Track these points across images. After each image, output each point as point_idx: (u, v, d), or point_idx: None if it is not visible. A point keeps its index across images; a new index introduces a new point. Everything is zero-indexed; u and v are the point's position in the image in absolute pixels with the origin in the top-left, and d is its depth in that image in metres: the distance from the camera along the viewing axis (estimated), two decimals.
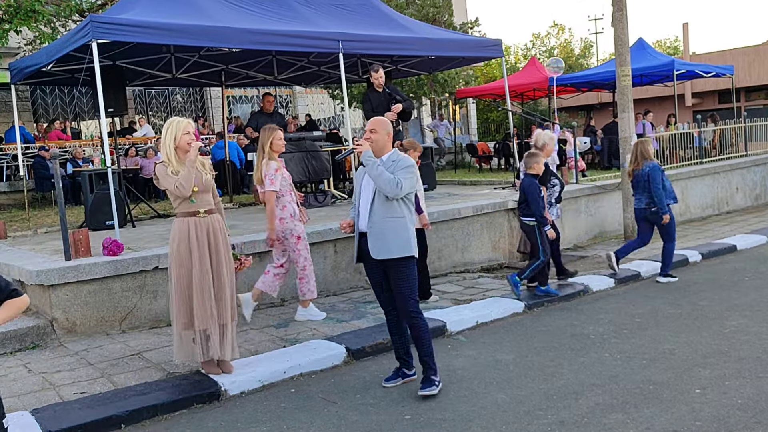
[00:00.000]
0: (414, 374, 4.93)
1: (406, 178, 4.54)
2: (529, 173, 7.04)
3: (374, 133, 4.67)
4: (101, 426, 4.25)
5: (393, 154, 4.70)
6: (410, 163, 4.64)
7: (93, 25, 7.07)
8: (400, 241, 4.56)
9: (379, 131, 4.67)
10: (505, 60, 12.66)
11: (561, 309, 6.81)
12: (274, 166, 6.04)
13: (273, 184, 5.99)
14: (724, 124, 15.41)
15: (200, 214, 4.78)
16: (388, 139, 4.72)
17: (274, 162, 6.07)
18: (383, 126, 4.71)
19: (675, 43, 43.32)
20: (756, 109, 24.47)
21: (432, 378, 4.66)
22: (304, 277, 6.26)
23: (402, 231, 4.58)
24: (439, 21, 18.07)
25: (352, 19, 9.81)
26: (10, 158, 14.85)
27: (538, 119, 13.27)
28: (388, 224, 4.56)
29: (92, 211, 8.73)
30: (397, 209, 4.58)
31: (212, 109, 21.49)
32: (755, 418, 3.99)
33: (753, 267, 8.27)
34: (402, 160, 4.65)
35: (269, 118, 10.67)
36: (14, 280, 6.44)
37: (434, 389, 4.62)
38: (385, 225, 4.56)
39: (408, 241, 4.58)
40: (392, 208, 4.57)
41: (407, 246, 4.58)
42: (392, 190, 4.49)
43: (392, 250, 4.56)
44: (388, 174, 4.52)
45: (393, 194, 4.51)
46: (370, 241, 4.61)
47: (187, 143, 4.73)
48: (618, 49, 10.13)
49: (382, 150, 4.69)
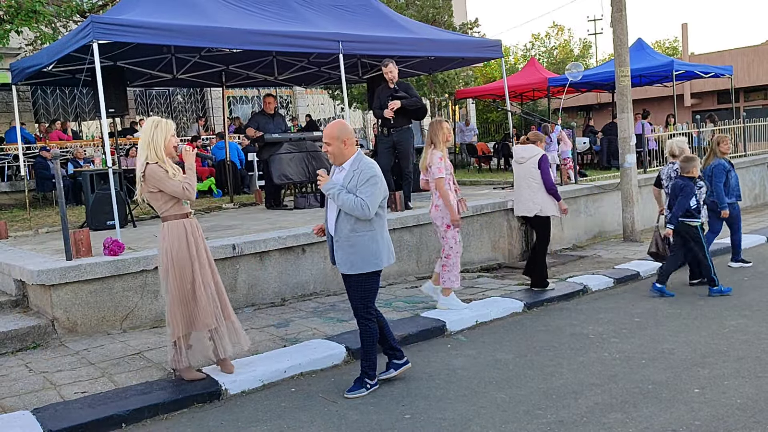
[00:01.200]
0: (407, 362, 5.00)
1: (372, 194, 4.48)
2: (686, 176, 7.15)
3: (329, 145, 4.59)
4: (102, 425, 4.26)
5: (354, 161, 4.61)
6: (372, 174, 4.53)
7: (94, 26, 7.09)
8: (361, 258, 4.58)
9: (331, 143, 4.57)
10: (505, 60, 12.67)
11: (560, 309, 6.83)
12: (439, 155, 6.38)
13: (441, 172, 6.33)
14: (723, 125, 15.43)
15: (191, 215, 4.84)
16: (346, 146, 4.59)
17: (438, 151, 6.41)
18: (334, 135, 4.57)
19: (674, 44, 43.31)
20: (755, 110, 24.51)
21: (365, 380, 4.73)
22: (447, 265, 6.48)
23: (365, 246, 4.58)
24: (438, 22, 18.10)
25: (352, 20, 9.83)
26: (11, 158, 14.88)
27: (538, 119, 13.29)
28: (352, 240, 4.57)
29: (93, 211, 8.76)
30: (363, 224, 4.57)
31: (213, 109, 21.52)
32: (754, 418, 4.01)
33: (752, 267, 8.29)
34: (364, 171, 4.54)
35: (270, 119, 10.71)
36: (15, 280, 6.47)
37: (362, 392, 4.68)
38: (349, 241, 4.58)
39: (371, 255, 4.60)
40: (358, 222, 4.56)
41: (368, 262, 4.60)
42: (362, 214, 4.49)
43: (353, 267, 4.60)
44: (352, 198, 4.47)
45: (364, 217, 4.51)
46: (337, 254, 4.65)
47: (174, 146, 4.74)
48: (617, 49, 10.15)
49: (343, 157, 4.62)
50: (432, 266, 8.39)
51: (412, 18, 15.40)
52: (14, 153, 14.38)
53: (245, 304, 6.95)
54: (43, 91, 18.93)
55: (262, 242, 7.03)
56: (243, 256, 6.91)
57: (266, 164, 10.65)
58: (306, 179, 10.57)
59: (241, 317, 6.59)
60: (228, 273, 6.85)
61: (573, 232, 10.28)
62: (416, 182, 12.09)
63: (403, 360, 4.99)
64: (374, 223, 4.60)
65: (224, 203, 11.99)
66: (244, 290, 6.96)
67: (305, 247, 7.35)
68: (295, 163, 10.46)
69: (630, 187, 10.13)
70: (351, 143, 4.62)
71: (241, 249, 6.87)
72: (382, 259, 4.65)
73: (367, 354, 4.77)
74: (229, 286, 6.86)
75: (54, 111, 19.17)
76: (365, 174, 4.53)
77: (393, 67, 8.81)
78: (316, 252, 7.45)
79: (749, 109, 23.76)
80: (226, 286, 6.78)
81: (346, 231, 4.57)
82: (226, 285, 6.77)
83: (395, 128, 8.96)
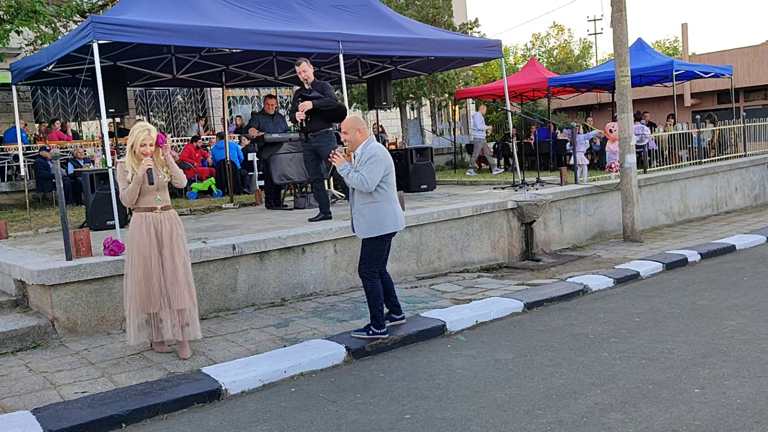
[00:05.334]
0: (403, 318, 6.03)
1: (371, 171, 5.43)
2: None
3: (346, 134, 5.62)
4: (102, 425, 4.26)
5: (364, 145, 5.57)
6: (372, 154, 5.47)
7: (94, 26, 7.10)
8: (368, 225, 5.56)
9: (348, 132, 5.60)
10: (505, 61, 12.68)
11: (560, 309, 6.83)
12: None
13: None
14: (723, 125, 15.44)
15: (157, 210, 5.28)
16: (360, 134, 5.57)
17: None
18: (350, 126, 5.59)
19: (674, 44, 43.29)
20: (755, 109, 24.51)
21: (370, 327, 5.65)
22: None
23: (371, 215, 5.54)
24: (438, 22, 18.09)
25: (352, 20, 9.84)
26: (11, 158, 14.88)
27: (537, 120, 13.29)
28: (361, 210, 5.58)
29: (93, 211, 8.76)
30: (372, 195, 5.53)
31: (213, 109, 21.50)
32: (754, 418, 4.01)
33: (752, 267, 8.29)
34: (366, 152, 5.51)
35: (270, 119, 10.72)
36: (15, 280, 6.47)
37: (363, 334, 5.62)
38: (359, 211, 5.59)
39: (375, 223, 5.55)
40: (364, 195, 5.55)
41: (373, 228, 5.56)
42: (363, 187, 5.46)
43: (361, 232, 5.62)
44: (356, 175, 5.46)
45: (365, 190, 5.48)
46: (354, 223, 5.69)
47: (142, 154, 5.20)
48: (617, 49, 10.15)
49: (358, 143, 5.60)
50: (432, 266, 8.41)
51: (412, 18, 15.40)
52: (14, 153, 14.38)
53: (245, 304, 6.95)
54: (43, 91, 18.92)
55: (262, 242, 7.03)
56: (243, 256, 6.91)
57: (266, 164, 10.65)
58: (306, 179, 10.57)
59: (241, 317, 6.61)
60: (228, 273, 6.85)
61: (573, 232, 10.29)
62: (416, 183, 12.15)
63: (401, 316, 6.02)
64: (377, 196, 5.53)
65: (224, 203, 11.99)
66: (244, 290, 6.96)
67: (305, 247, 7.36)
68: (295, 163, 10.46)
69: (630, 187, 10.13)
70: (364, 132, 5.61)
71: (241, 249, 6.88)
72: (386, 226, 5.57)
73: (371, 308, 5.67)
74: (229, 286, 6.86)
75: (54, 111, 19.16)
76: (366, 155, 5.50)
77: (306, 66, 8.20)
78: (316, 252, 7.45)
79: (749, 109, 23.76)
80: (227, 287, 6.83)
81: (357, 203, 5.60)
82: (226, 285, 6.83)
83: (312, 132, 8.40)
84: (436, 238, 8.48)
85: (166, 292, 5.25)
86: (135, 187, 5.20)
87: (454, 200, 9.95)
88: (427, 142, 25.26)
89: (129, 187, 5.20)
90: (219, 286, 6.80)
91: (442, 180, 14.45)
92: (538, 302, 6.91)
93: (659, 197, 11.78)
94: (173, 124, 21.15)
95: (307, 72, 8.24)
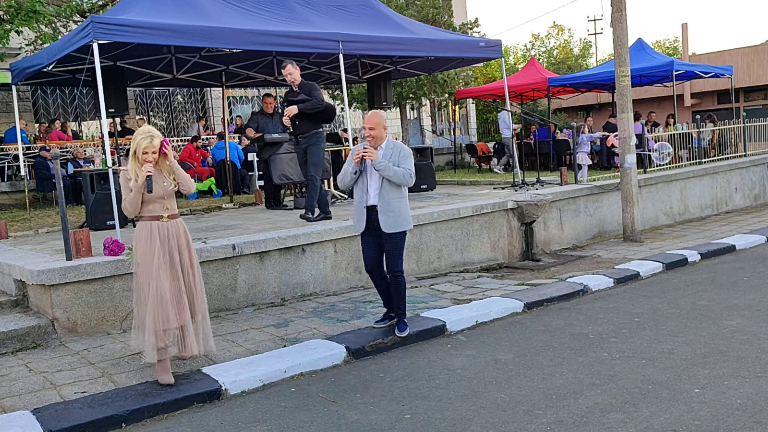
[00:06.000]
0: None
1: (412, 165, 5.58)
2: None
3: (373, 130, 5.56)
4: (102, 425, 4.27)
5: (389, 141, 5.64)
6: (409, 151, 5.62)
7: (94, 26, 7.10)
8: (405, 218, 5.65)
9: (375, 128, 5.56)
10: (505, 60, 12.68)
11: (560, 309, 6.83)
12: None
13: None
14: (723, 125, 15.44)
15: (163, 218, 4.96)
16: (384, 131, 5.62)
17: None
18: (377, 122, 5.56)
19: (674, 44, 43.28)
20: (755, 110, 24.50)
21: (405, 322, 5.83)
22: None
23: (405, 208, 5.66)
24: (438, 22, 18.08)
25: (352, 20, 9.84)
26: (11, 158, 14.87)
27: (537, 120, 13.29)
28: (393, 205, 5.58)
29: (93, 211, 8.76)
30: (402, 190, 5.63)
31: (213, 109, 21.50)
32: (754, 418, 4.01)
33: (752, 267, 8.29)
34: (403, 148, 5.61)
35: (269, 119, 10.71)
36: (15, 280, 6.47)
37: (407, 331, 5.77)
38: (390, 206, 5.58)
39: (408, 216, 5.71)
40: (399, 189, 5.61)
41: (406, 222, 5.67)
42: (408, 181, 5.56)
43: (396, 226, 5.60)
44: (399, 169, 5.50)
45: (409, 184, 5.59)
46: (382, 218, 5.58)
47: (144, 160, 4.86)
48: (617, 49, 10.15)
49: (382, 140, 5.60)
50: (432, 266, 8.41)
51: (412, 18, 15.40)
52: (14, 153, 14.38)
53: (245, 304, 6.95)
54: (43, 91, 18.91)
55: (262, 242, 7.03)
56: (243, 256, 6.91)
57: (266, 164, 10.65)
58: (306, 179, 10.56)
59: (241, 317, 6.61)
60: (228, 273, 6.85)
61: (573, 232, 10.29)
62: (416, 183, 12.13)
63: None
64: (404, 191, 5.68)
65: (224, 203, 11.99)
66: (244, 290, 6.96)
67: (305, 247, 7.36)
68: (295, 163, 10.44)
69: (630, 187, 10.13)
70: (386, 129, 5.67)
71: (241, 249, 6.88)
72: (410, 222, 5.75)
73: (404, 300, 5.84)
74: (229, 286, 6.86)
75: (54, 111, 19.15)
76: (405, 151, 5.62)
77: (292, 68, 8.07)
78: (316, 252, 7.45)
79: (749, 109, 23.75)
80: (226, 287, 6.83)
81: (388, 198, 5.57)
82: (226, 285, 6.82)
83: (302, 134, 8.33)
84: (436, 238, 8.48)
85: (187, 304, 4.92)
86: (136, 195, 4.86)
87: (454, 200, 9.95)
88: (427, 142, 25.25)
89: (130, 196, 4.87)
90: (219, 286, 6.80)
91: (442, 180, 14.45)
92: (538, 302, 6.91)
93: (659, 197, 11.79)
94: (173, 124, 21.15)
95: (294, 74, 8.12)
